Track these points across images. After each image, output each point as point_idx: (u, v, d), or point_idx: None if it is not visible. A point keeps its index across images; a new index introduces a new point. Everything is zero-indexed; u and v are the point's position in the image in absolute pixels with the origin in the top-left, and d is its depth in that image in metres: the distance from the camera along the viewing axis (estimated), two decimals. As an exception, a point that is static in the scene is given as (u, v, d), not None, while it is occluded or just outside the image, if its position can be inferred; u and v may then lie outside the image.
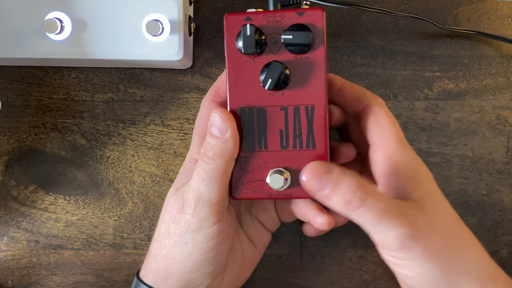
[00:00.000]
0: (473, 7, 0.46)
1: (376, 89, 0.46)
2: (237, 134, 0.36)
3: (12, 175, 0.48)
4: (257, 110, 0.36)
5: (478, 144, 0.46)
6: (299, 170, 0.35)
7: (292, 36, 0.35)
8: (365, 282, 0.46)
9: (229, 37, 0.36)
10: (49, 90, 0.48)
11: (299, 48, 0.35)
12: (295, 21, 0.35)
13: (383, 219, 0.32)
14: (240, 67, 0.36)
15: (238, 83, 0.36)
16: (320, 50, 0.35)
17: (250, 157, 0.37)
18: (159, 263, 0.38)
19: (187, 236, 0.36)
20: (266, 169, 0.36)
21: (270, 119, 0.36)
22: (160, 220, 0.38)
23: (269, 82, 0.35)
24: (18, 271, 0.48)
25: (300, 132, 0.36)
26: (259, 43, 0.35)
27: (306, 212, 0.39)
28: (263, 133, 0.36)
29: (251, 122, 0.36)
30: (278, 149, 0.36)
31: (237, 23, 0.36)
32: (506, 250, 0.46)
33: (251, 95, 0.36)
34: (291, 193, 0.36)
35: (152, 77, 0.47)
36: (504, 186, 0.46)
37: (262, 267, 0.46)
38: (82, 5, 0.43)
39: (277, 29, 0.35)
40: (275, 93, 0.36)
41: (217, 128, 0.35)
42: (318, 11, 0.35)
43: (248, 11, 0.36)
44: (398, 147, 0.35)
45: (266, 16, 0.35)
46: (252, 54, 0.35)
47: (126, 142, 0.47)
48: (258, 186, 0.37)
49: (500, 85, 0.46)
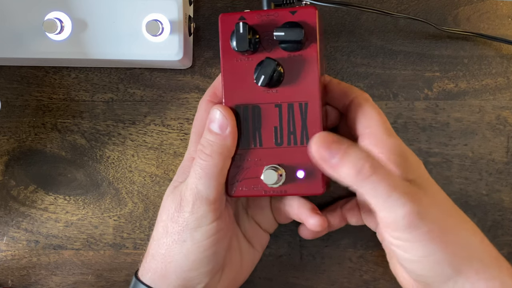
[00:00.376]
0: (473, 7, 0.46)
1: (376, 89, 0.46)
2: (236, 131, 0.36)
3: (12, 175, 0.48)
4: (251, 107, 0.36)
5: (478, 144, 0.46)
6: (294, 166, 0.36)
7: (284, 33, 0.35)
8: (365, 282, 0.46)
9: (223, 36, 0.36)
10: (49, 90, 0.48)
11: (292, 46, 0.35)
12: (288, 19, 0.35)
13: (393, 193, 0.31)
14: (235, 66, 0.36)
15: (233, 81, 0.37)
16: (313, 48, 0.36)
17: (245, 155, 0.37)
18: (157, 262, 0.38)
19: (185, 234, 0.36)
20: (261, 166, 0.37)
21: (265, 116, 0.36)
22: (158, 218, 0.38)
23: (262, 79, 0.35)
24: (18, 271, 0.48)
25: (294, 129, 0.36)
26: (253, 41, 0.35)
27: (299, 213, 0.39)
28: (257, 130, 0.37)
29: (246, 120, 0.37)
30: (273, 146, 0.36)
31: (231, 22, 0.36)
32: (506, 250, 0.46)
33: (245, 93, 0.37)
34: (286, 190, 0.36)
35: (152, 77, 0.47)
36: (504, 186, 0.46)
37: (262, 267, 0.45)
38: (82, 5, 0.43)
39: (270, 27, 0.36)
40: (269, 91, 0.36)
41: (217, 125, 0.36)
42: (311, 9, 0.36)
43: (242, 11, 0.36)
44: (385, 136, 0.35)
45: (259, 15, 0.36)
46: (245, 52, 0.36)
47: (126, 142, 0.47)
48: (253, 183, 0.37)
49: (500, 85, 0.46)
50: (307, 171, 0.36)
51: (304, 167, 0.36)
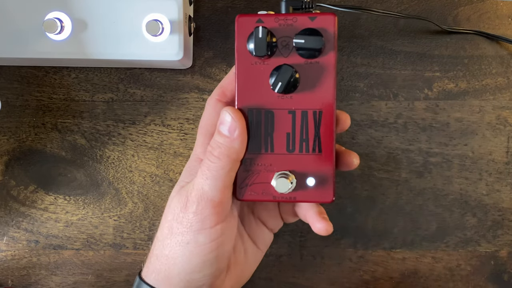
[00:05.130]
0: (473, 7, 0.46)
1: (376, 89, 0.46)
2: (245, 134, 0.36)
3: (12, 175, 0.48)
4: (264, 112, 0.36)
5: (478, 144, 0.46)
6: (305, 174, 0.35)
7: (304, 41, 0.35)
8: (365, 282, 0.46)
9: (240, 38, 0.36)
10: (49, 90, 0.48)
11: (310, 53, 0.35)
12: (307, 26, 0.35)
13: None
14: (250, 69, 0.36)
15: (247, 85, 0.36)
16: (330, 55, 0.35)
17: (256, 159, 0.36)
18: (161, 263, 0.37)
19: (189, 236, 0.36)
20: (271, 171, 0.36)
21: (278, 122, 0.36)
22: (163, 219, 0.38)
23: (279, 86, 0.35)
24: (18, 271, 0.48)
25: (307, 137, 0.36)
26: (270, 45, 0.35)
27: (307, 216, 0.39)
28: (270, 136, 0.36)
29: (258, 124, 0.36)
30: (284, 152, 0.36)
31: (248, 24, 0.36)
32: (506, 250, 0.46)
33: (259, 97, 0.36)
34: (295, 197, 0.36)
35: (152, 77, 0.47)
36: (504, 186, 0.46)
37: (262, 267, 0.45)
38: (82, 5, 0.43)
39: (288, 32, 0.35)
40: (283, 96, 0.36)
41: (226, 127, 0.35)
42: (330, 16, 0.35)
43: (260, 13, 0.36)
44: None
45: (278, 19, 0.35)
46: (262, 57, 0.35)
47: (126, 142, 0.47)
48: (262, 188, 0.37)
49: (500, 85, 0.46)
50: (318, 179, 0.36)
51: (315, 174, 0.36)
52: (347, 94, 0.47)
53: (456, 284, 0.46)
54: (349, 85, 0.47)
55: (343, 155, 0.38)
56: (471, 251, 0.46)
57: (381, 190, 0.46)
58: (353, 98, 0.47)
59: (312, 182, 0.36)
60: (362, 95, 0.46)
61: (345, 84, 0.47)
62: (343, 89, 0.47)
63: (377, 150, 0.46)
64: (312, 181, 0.36)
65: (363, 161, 0.46)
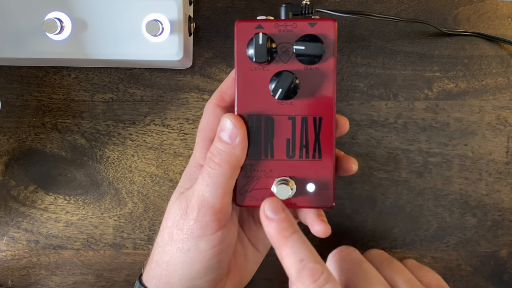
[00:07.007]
0: (473, 7, 0.46)
1: (376, 89, 0.46)
2: (246, 141, 0.35)
3: (12, 175, 0.48)
4: (264, 118, 0.36)
5: (478, 144, 0.46)
6: (305, 179, 0.35)
7: (304, 47, 0.35)
8: (365, 282, 0.46)
9: (239, 44, 0.36)
10: (49, 90, 0.48)
11: (310, 59, 0.35)
12: (307, 32, 0.35)
13: None
14: (249, 74, 0.36)
15: (247, 90, 0.36)
16: (330, 62, 0.35)
17: (256, 165, 0.36)
18: (161, 269, 0.37)
19: (190, 243, 0.36)
20: (271, 177, 0.36)
21: (278, 127, 0.36)
22: (163, 225, 0.38)
23: (279, 92, 0.35)
24: (18, 271, 0.48)
25: (307, 142, 0.36)
26: (270, 51, 0.35)
27: (307, 218, 0.39)
28: (269, 142, 0.36)
29: (258, 130, 0.36)
30: (284, 158, 0.36)
31: (248, 30, 0.36)
32: (506, 250, 0.46)
33: (259, 103, 0.36)
34: (295, 203, 0.36)
35: (152, 77, 0.47)
36: (504, 186, 0.46)
37: (262, 267, 0.45)
38: (82, 5, 0.43)
39: (288, 38, 0.35)
40: (283, 102, 0.36)
41: (227, 133, 0.35)
42: (330, 22, 0.35)
43: (259, 19, 0.36)
44: None
45: (277, 25, 0.35)
46: (262, 63, 0.35)
47: (126, 142, 0.47)
48: (262, 194, 0.37)
49: (500, 85, 0.46)
50: (318, 185, 0.36)
51: (315, 180, 0.36)
52: (347, 94, 0.47)
53: (456, 284, 0.46)
54: (349, 85, 0.47)
55: (342, 161, 0.38)
56: (471, 251, 0.46)
57: (381, 190, 0.46)
58: (353, 98, 0.47)
59: (312, 188, 0.36)
60: (362, 95, 0.46)
61: (345, 84, 0.47)
62: (343, 89, 0.47)
63: (377, 150, 0.46)
64: (312, 187, 0.36)
65: (363, 161, 0.46)
